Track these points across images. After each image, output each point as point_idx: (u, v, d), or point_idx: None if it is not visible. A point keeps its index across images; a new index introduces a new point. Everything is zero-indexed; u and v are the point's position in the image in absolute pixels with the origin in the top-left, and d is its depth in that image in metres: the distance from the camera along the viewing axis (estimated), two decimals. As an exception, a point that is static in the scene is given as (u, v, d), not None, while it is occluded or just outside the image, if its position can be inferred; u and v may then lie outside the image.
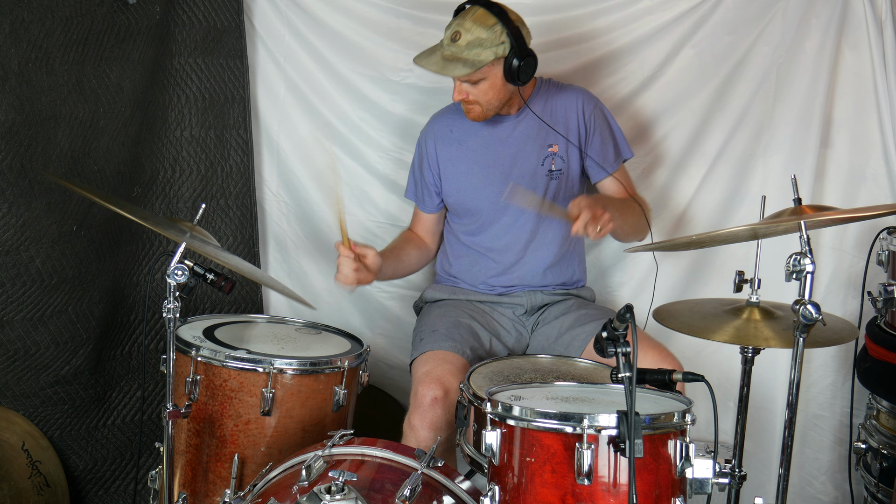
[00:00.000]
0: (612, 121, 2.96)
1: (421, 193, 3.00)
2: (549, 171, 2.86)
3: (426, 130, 2.99)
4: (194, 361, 2.48)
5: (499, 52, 2.67)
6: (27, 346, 2.84)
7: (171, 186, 3.13)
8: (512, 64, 2.68)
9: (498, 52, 2.67)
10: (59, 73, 2.71)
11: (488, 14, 2.67)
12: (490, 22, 2.66)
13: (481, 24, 2.66)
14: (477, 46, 2.65)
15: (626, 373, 1.91)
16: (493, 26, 2.66)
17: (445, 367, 2.63)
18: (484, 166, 2.90)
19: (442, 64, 2.68)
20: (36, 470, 2.94)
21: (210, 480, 2.50)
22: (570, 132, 2.88)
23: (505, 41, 2.67)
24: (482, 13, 2.67)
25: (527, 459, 1.98)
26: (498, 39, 2.66)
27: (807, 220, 2.12)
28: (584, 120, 2.89)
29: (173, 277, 2.23)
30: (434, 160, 2.95)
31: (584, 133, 2.90)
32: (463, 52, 2.66)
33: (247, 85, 3.19)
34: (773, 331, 2.34)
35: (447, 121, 2.95)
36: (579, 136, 2.89)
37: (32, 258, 2.76)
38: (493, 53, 2.66)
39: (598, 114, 2.91)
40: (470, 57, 2.66)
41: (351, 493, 1.93)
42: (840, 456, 3.21)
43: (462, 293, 2.97)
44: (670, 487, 2.01)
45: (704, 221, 3.19)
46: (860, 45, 3.04)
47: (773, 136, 3.13)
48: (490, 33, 2.65)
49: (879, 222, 2.94)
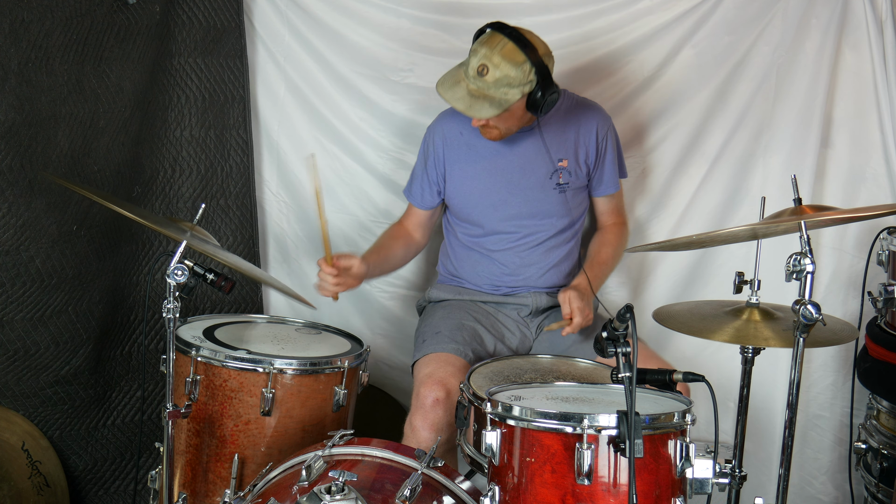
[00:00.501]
0: (619, 142, 2.99)
1: (420, 188, 2.99)
2: (558, 184, 2.87)
3: (434, 127, 2.97)
4: (194, 361, 2.48)
5: (525, 91, 2.63)
6: (27, 346, 2.84)
7: (170, 186, 3.13)
8: (536, 97, 2.64)
9: (525, 91, 2.62)
10: (58, 73, 2.71)
11: (517, 50, 2.59)
12: (519, 59, 2.59)
13: (510, 60, 2.59)
14: (505, 85, 2.60)
15: (626, 373, 1.91)
16: (521, 64, 2.59)
17: (448, 369, 2.63)
18: (492, 173, 2.89)
19: (469, 102, 2.62)
20: (36, 470, 2.94)
21: (210, 480, 2.50)
22: (582, 149, 2.89)
23: (533, 79, 2.62)
24: (511, 49, 2.59)
25: (527, 459, 1.98)
26: (526, 78, 2.60)
27: (807, 220, 2.12)
28: (598, 141, 2.90)
29: (173, 277, 2.23)
30: (440, 159, 2.94)
31: (596, 153, 2.91)
32: (490, 90, 2.60)
33: (247, 85, 3.19)
34: (773, 331, 2.34)
35: (458, 122, 2.92)
36: (587, 155, 2.90)
37: (32, 258, 2.76)
38: (520, 92, 2.62)
39: (612, 135, 2.94)
40: (497, 96, 2.60)
41: (351, 494, 1.93)
42: (840, 456, 3.21)
43: (467, 293, 2.97)
44: (670, 487, 2.00)
45: (704, 221, 3.19)
46: (860, 45, 3.04)
47: (773, 136, 3.13)
48: (519, 72, 2.59)
49: (879, 222, 2.94)
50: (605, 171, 2.95)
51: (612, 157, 2.94)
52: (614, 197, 3.02)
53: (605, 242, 3.00)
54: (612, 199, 3.02)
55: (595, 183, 2.96)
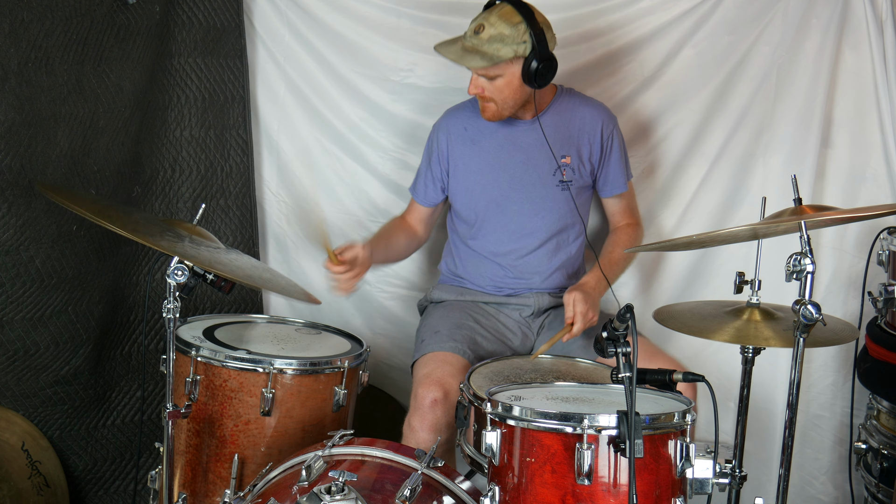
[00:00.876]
0: (624, 141, 2.98)
1: (424, 185, 2.99)
2: (561, 181, 2.87)
3: (439, 124, 2.98)
4: (194, 361, 2.48)
5: (519, 51, 2.65)
6: (27, 346, 2.84)
7: (170, 186, 3.13)
8: (531, 65, 2.67)
9: (518, 51, 2.65)
10: (58, 73, 2.71)
11: (514, 12, 2.66)
12: (515, 20, 2.65)
13: (506, 20, 2.65)
14: (498, 41, 2.64)
15: (626, 373, 1.91)
16: (517, 24, 2.64)
17: (446, 369, 2.62)
18: (495, 168, 2.89)
19: (460, 53, 2.68)
20: (36, 470, 2.94)
21: (210, 481, 2.50)
22: (585, 146, 2.89)
23: (527, 41, 2.65)
24: (509, 10, 2.66)
25: (527, 460, 1.98)
26: (520, 38, 2.64)
27: (807, 220, 2.12)
28: (603, 139, 2.90)
29: (173, 277, 2.23)
30: (444, 155, 2.94)
31: (601, 152, 2.91)
32: (483, 46, 2.65)
33: (246, 85, 3.19)
34: (773, 331, 2.34)
35: (462, 118, 2.93)
36: (591, 153, 2.90)
37: (32, 258, 2.76)
38: (512, 51, 2.65)
39: (617, 134, 2.94)
40: (489, 51, 2.65)
41: (351, 494, 1.93)
42: (840, 456, 3.21)
43: (469, 294, 2.97)
44: (670, 488, 2.00)
45: (704, 221, 3.19)
46: (860, 45, 3.04)
47: (773, 136, 3.13)
48: (513, 30, 2.64)
49: (880, 222, 2.93)
50: (612, 171, 2.94)
51: (618, 155, 2.93)
52: (624, 197, 3.00)
53: (617, 243, 2.97)
54: (621, 199, 3.00)
55: (602, 183, 2.95)
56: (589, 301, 2.71)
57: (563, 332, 2.69)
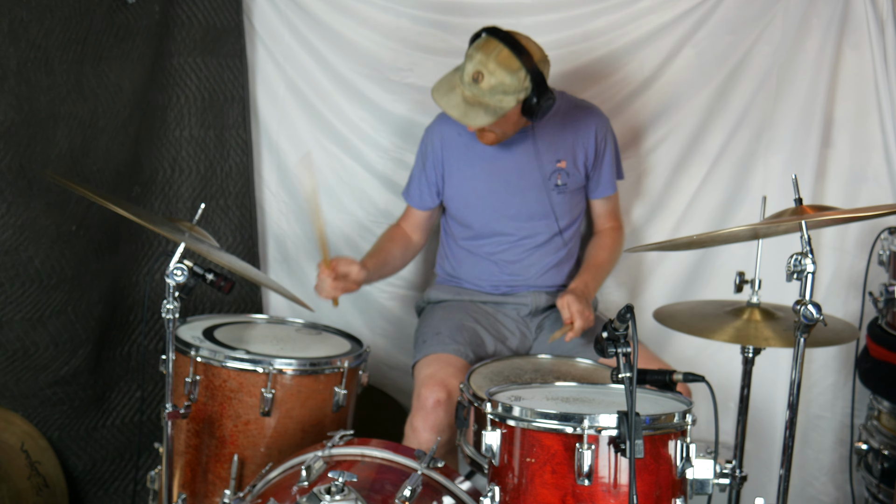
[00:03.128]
0: (616, 143, 2.98)
1: (419, 190, 2.99)
2: (556, 186, 2.87)
3: (433, 128, 2.97)
4: (194, 362, 2.48)
5: (521, 98, 2.63)
6: (26, 346, 2.84)
7: (170, 186, 3.13)
8: (531, 102, 2.64)
9: (520, 98, 2.63)
10: (57, 73, 2.70)
11: (513, 57, 2.59)
12: (515, 66, 2.59)
13: (506, 68, 2.58)
14: (500, 93, 2.60)
15: (626, 373, 1.91)
16: (517, 71, 2.59)
17: (448, 370, 2.63)
18: (490, 174, 2.89)
19: (464, 109, 2.62)
20: (35, 470, 2.94)
21: (209, 481, 2.50)
22: (580, 150, 2.89)
23: (528, 86, 2.62)
24: (507, 56, 2.59)
25: (527, 460, 1.98)
26: (521, 85, 2.61)
27: (808, 220, 2.11)
28: (597, 142, 2.90)
29: (172, 278, 2.23)
30: (439, 160, 2.94)
31: (594, 155, 2.91)
32: (485, 97, 2.60)
33: (246, 85, 3.19)
34: (773, 331, 2.34)
35: (456, 123, 2.89)
36: (586, 156, 2.90)
37: (31, 258, 2.76)
38: (515, 100, 2.62)
39: (611, 137, 2.94)
40: (492, 103, 2.60)
41: (351, 494, 1.93)
42: (841, 456, 3.20)
43: (466, 293, 2.97)
44: (671, 488, 2.00)
45: (705, 221, 3.18)
46: (861, 44, 3.04)
47: (773, 135, 3.12)
48: (514, 79, 2.59)
49: (880, 222, 2.93)
50: (604, 173, 2.94)
51: (610, 158, 2.94)
52: (611, 199, 3.01)
53: (602, 246, 2.99)
54: (608, 201, 3.01)
55: (593, 185, 2.96)
56: (582, 301, 2.72)
57: (565, 329, 2.71)
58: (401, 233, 3.02)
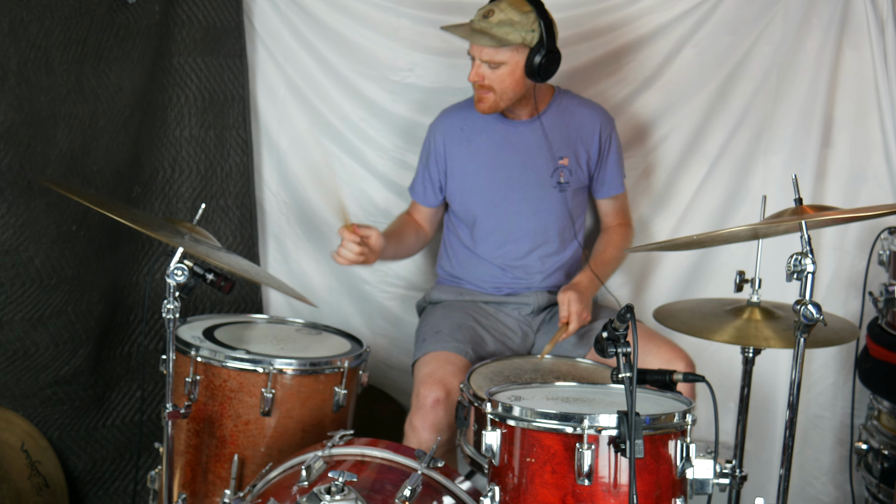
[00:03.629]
0: (620, 143, 2.99)
1: (422, 186, 2.99)
2: (558, 183, 2.87)
3: (435, 125, 2.98)
4: (194, 362, 2.48)
5: (527, 39, 2.67)
6: (26, 346, 2.84)
7: (170, 186, 3.13)
8: (535, 57, 2.68)
9: (526, 39, 2.67)
10: (58, 73, 2.70)
11: (524, 1, 2.69)
12: (525, 8, 2.68)
13: (516, 7, 2.67)
14: (507, 26, 2.66)
15: (626, 373, 1.91)
16: (527, 12, 2.67)
17: (448, 369, 2.62)
18: (492, 169, 2.89)
19: (469, 32, 2.69)
20: (35, 470, 2.94)
21: (210, 481, 2.50)
22: (583, 148, 2.89)
23: (536, 30, 2.67)
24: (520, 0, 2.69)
25: (527, 460, 1.98)
26: (530, 26, 2.67)
27: (808, 220, 2.12)
28: (601, 141, 2.90)
29: (173, 277, 2.23)
30: (441, 156, 2.94)
31: (599, 154, 2.91)
32: (492, 28, 2.67)
33: (246, 85, 3.19)
34: (773, 331, 2.33)
35: (458, 118, 2.93)
36: (589, 155, 2.90)
37: (32, 258, 2.76)
38: (520, 37, 2.67)
39: (614, 136, 2.94)
40: (498, 33, 2.66)
41: (351, 494, 1.93)
42: (841, 456, 3.20)
43: (468, 294, 2.96)
44: (671, 488, 2.00)
45: (705, 221, 3.18)
46: (861, 44, 3.04)
47: (773, 135, 3.12)
48: (523, 17, 2.67)
49: (880, 222, 2.93)
50: (609, 173, 2.94)
51: (615, 158, 2.94)
52: (619, 199, 3.01)
53: (609, 243, 2.99)
54: (616, 200, 3.01)
55: (598, 185, 2.96)
56: (584, 301, 2.73)
57: (559, 333, 2.71)
58: (413, 220, 3.04)
